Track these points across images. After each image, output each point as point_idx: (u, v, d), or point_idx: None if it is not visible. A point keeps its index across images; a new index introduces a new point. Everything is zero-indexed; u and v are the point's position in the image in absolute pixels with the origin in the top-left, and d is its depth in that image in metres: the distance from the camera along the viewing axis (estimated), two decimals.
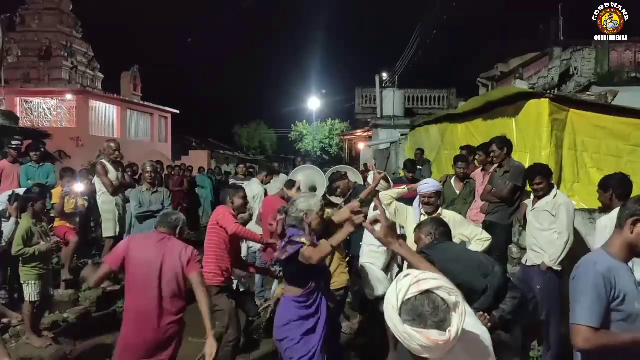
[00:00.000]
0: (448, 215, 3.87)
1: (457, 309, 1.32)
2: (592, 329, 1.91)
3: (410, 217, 4.09)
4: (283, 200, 5.45)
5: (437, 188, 3.98)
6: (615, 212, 2.60)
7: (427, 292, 1.32)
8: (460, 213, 4.74)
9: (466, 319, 1.38)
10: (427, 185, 3.94)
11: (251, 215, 6.15)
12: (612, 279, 1.98)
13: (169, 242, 3.15)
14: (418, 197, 4.01)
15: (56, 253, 6.41)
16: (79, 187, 6.23)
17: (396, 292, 1.35)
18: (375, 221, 1.98)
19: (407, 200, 4.39)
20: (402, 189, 4.36)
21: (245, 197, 4.45)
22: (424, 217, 3.85)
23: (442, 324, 1.29)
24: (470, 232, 3.84)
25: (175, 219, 3.30)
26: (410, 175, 6.93)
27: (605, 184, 3.62)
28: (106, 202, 6.42)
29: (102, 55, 23.83)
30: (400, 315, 1.32)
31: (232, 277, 4.55)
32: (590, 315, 1.93)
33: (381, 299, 4.47)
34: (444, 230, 2.95)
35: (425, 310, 1.30)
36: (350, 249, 5.33)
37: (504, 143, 5.08)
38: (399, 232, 4.88)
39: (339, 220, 3.06)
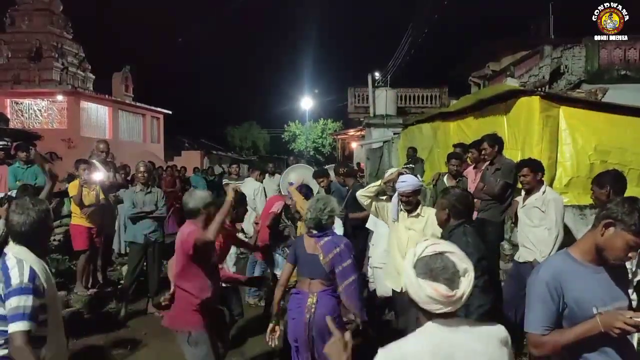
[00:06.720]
0: (427, 212, 3.79)
1: (467, 275, 1.49)
2: (538, 335, 2.00)
3: (389, 214, 3.97)
4: (282, 198, 5.45)
5: (415, 187, 3.82)
6: None
7: (441, 254, 1.51)
8: None
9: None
10: (406, 184, 3.76)
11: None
12: (559, 286, 1.98)
13: None
14: (396, 194, 3.87)
15: (49, 255, 6.37)
16: (98, 175, 5.98)
17: (414, 251, 1.56)
18: None
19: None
20: (377, 184, 4.12)
21: None
22: (402, 214, 3.80)
23: (450, 284, 1.46)
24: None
25: None
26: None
27: (602, 181, 3.62)
28: None
29: (93, 56, 23.74)
30: (414, 268, 1.52)
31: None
32: (533, 323, 2.02)
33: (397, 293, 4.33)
34: (461, 210, 3.00)
35: (436, 267, 1.48)
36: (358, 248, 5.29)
37: (495, 140, 5.10)
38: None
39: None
